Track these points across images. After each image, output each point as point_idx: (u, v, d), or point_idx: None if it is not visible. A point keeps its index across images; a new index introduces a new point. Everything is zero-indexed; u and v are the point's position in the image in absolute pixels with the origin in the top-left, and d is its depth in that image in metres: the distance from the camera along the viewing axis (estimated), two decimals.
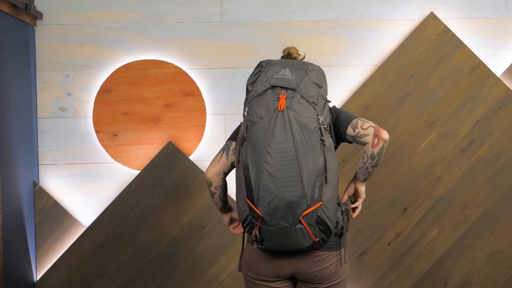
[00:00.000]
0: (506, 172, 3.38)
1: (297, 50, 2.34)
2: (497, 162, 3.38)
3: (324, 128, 2.01)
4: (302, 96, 2.00)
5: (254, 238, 2.05)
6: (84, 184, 3.36)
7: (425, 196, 3.38)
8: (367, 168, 2.19)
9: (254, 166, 1.96)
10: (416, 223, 3.38)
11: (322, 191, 1.98)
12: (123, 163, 3.36)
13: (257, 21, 3.41)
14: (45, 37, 3.35)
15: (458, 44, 3.36)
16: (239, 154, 2.04)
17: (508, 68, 3.41)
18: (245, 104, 2.09)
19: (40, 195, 3.29)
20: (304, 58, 2.35)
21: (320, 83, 2.06)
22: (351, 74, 3.40)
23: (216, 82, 3.39)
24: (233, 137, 2.25)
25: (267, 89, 2.02)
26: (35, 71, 3.34)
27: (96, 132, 3.36)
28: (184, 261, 3.33)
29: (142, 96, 3.37)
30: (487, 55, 3.42)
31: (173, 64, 3.37)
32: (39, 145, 3.34)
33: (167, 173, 3.32)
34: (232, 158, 2.21)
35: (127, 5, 3.38)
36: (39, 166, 3.34)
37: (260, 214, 1.98)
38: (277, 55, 3.38)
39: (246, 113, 2.05)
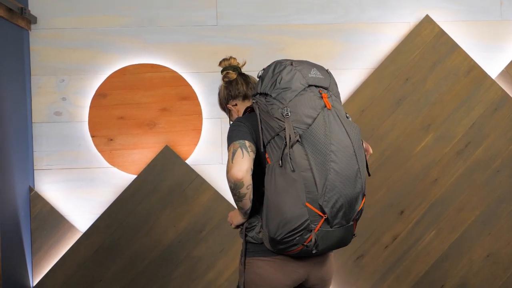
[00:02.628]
0: (502, 174, 3.39)
1: (236, 59, 2.34)
2: (493, 164, 3.39)
3: None
4: (334, 95, 2.01)
5: (305, 244, 1.93)
6: (80, 189, 3.34)
7: (421, 199, 3.38)
8: None
9: (318, 166, 1.88)
10: (413, 226, 3.39)
11: (365, 186, 2.00)
12: (119, 167, 3.34)
13: (253, 25, 3.40)
14: (39, 42, 3.33)
15: (453, 46, 3.37)
16: (289, 157, 1.90)
17: (503, 71, 3.43)
18: (276, 105, 1.95)
19: (35, 200, 3.27)
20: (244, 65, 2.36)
21: (336, 84, 2.08)
22: (346, 77, 3.40)
23: (212, 85, 3.38)
24: (244, 137, 2.04)
25: (305, 88, 1.96)
26: (30, 75, 3.32)
27: (92, 136, 3.34)
28: (181, 266, 3.31)
29: (137, 100, 3.35)
30: (482, 57, 3.43)
31: (169, 68, 3.36)
32: (34, 150, 3.32)
33: (164, 177, 3.31)
34: (252, 155, 2.03)
35: (122, 9, 3.36)
36: (35, 171, 3.32)
37: (323, 215, 1.90)
38: (272, 59, 3.38)
39: (289, 113, 1.91)
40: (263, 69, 2.06)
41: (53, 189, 3.32)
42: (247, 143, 2.02)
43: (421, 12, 3.42)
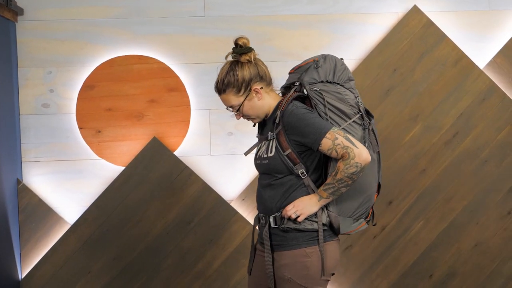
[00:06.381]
0: (490, 164, 3.41)
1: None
2: (481, 154, 3.40)
3: None
4: None
5: (367, 219, 2.18)
6: (68, 181, 3.33)
7: (410, 189, 3.39)
8: None
9: (379, 149, 2.18)
10: (401, 216, 3.40)
11: None
12: (107, 159, 3.34)
13: (241, 16, 3.39)
14: (26, 33, 3.31)
15: (441, 37, 3.37)
16: (369, 140, 2.11)
17: (491, 61, 3.43)
18: (350, 94, 2.11)
19: (23, 192, 3.27)
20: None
21: None
22: None
23: (200, 77, 3.37)
24: (331, 124, 2.05)
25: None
26: (17, 67, 3.30)
27: (80, 128, 3.33)
28: (170, 257, 3.32)
29: (125, 92, 3.34)
30: (470, 47, 3.43)
31: (157, 59, 3.35)
32: (22, 142, 3.31)
33: (152, 169, 3.31)
34: None
35: (109, 0, 3.34)
36: (22, 163, 3.31)
37: (377, 192, 2.18)
38: (261, 50, 3.37)
39: (362, 104, 2.13)
40: (315, 60, 2.11)
41: (41, 181, 3.32)
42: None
43: (409, 3, 3.41)
